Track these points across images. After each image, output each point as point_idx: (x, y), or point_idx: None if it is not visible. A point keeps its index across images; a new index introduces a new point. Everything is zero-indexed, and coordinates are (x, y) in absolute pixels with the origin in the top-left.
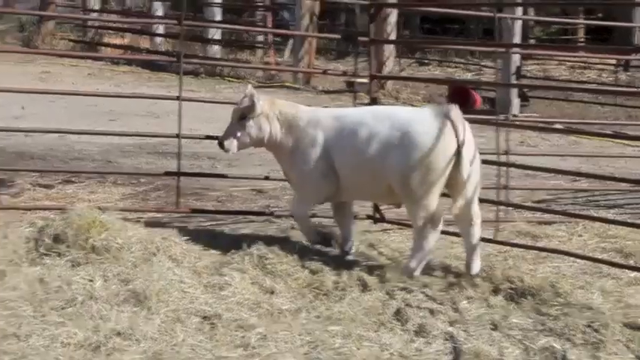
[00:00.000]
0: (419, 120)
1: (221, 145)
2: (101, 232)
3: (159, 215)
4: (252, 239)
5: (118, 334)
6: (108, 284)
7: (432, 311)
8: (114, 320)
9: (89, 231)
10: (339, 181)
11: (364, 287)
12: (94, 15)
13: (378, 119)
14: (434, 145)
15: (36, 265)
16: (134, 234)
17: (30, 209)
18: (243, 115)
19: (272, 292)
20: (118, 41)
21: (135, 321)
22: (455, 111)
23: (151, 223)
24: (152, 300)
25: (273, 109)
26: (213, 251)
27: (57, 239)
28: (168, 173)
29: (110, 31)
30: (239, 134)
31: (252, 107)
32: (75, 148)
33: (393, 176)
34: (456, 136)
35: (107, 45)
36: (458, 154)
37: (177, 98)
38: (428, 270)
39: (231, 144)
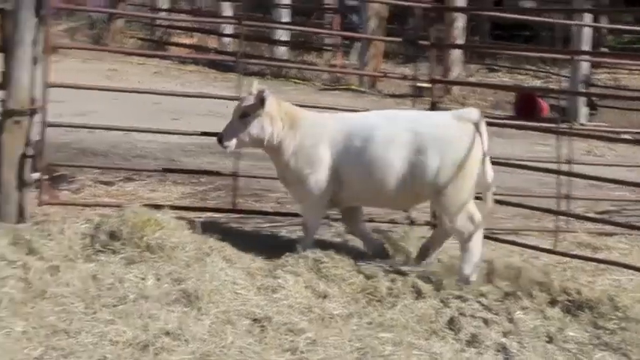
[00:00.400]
0: (449, 124)
1: (220, 141)
2: (156, 231)
3: (216, 215)
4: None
5: (167, 333)
6: (160, 283)
7: (486, 321)
8: (163, 320)
9: (144, 229)
10: (345, 186)
11: (418, 294)
12: (163, 14)
13: (398, 122)
14: (468, 148)
15: (90, 261)
16: (189, 233)
17: (88, 205)
18: (246, 113)
19: (325, 297)
20: (186, 40)
21: (184, 321)
22: (478, 114)
23: (207, 223)
24: (203, 300)
25: (278, 110)
26: (268, 253)
27: (112, 236)
28: (218, 174)
29: (178, 31)
30: (240, 132)
31: (258, 105)
32: (137, 145)
33: (425, 182)
34: (481, 139)
35: (175, 44)
36: (482, 156)
37: (237, 98)
38: (484, 278)
39: (231, 142)
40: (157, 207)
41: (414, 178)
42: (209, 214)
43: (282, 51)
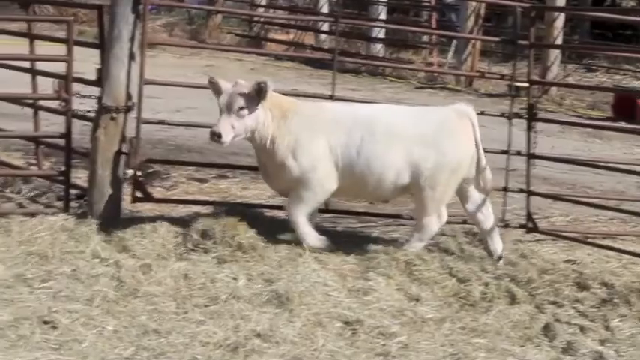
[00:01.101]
0: (447, 118)
1: (219, 136)
2: (248, 230)
3: None
4: (400, 244)
5: (258, 335)
6: (251, 283)
7: (582, 328)
8: (254, 321)
9: (236, 228)
10: (340, 179)
11: (512, 299)
12: (261, 10)
13: (399, 116)
14: (465, 144)
15: (182, 260)
16: (281, 233)
17: (181, 203)
18: (243, 105)
19: (417, 300)
20: (282, 37)
21: (275, 323)
22: (471, 109)
23: None
24: (294, 302)
25: (271, 100)
26: (360, 254)
27: (204, 235)
28: None
29: (275, 27)
30: (236, 125)
31: (260, 96)
32: (232, 143)
33: (419, 175)
34: (474, 133)
35: (272, 40)
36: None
37: (331, 97)
38: (580, 284)
39: (228, 136)
40: (249, 206)
41: (411, 172)
42: None
43: (378, 48)
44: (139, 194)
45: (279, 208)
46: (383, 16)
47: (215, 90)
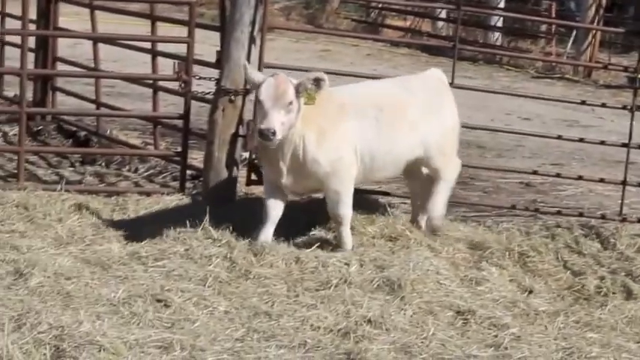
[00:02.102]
0: (436, 83)
1: (274, 134)
2: (359, 215)
3: None
4: (513, 235)
5: (369, 321)
6: (363, 269)
7: None
8: (365, 307)
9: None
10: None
11: (628, 295)
12: None
13: (408, 88)
14: (454, 104)
15: (294, 243)
16: (393, 219)
17: None
18: (292, 99)
19: (530, 292)
20: (399, 23)
21: (387, 310)
22: (442, 73)
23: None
24: (406, 289)
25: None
26: (472, 244)
27: (314, 219)
28: None
29: (393, 13)
30: (285, 121)
31: (314, 91)
32: None
33: (429, 145)
34: None
35: (388, 27)
36: None
37: (450, 85)
38: None
39: (281, 133)
40: (359, 191)
41: (421, 144)
42: None
43: (496, 37)
44: (253, 177)
45: (389, 194)
46: (502, 4)
47: (247, 78)
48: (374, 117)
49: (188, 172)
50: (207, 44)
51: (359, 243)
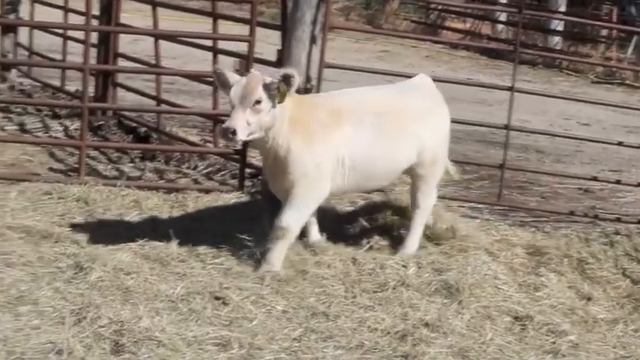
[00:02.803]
0: (428, 90)
1: (233, 133)
2: None
3: (479, 206)
4: (572, 241)
5: (426, 324)
6: (421, 272)
7: None
8: (423, 310)
9: (404, 215)
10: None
11: None
12: None
13: (404, 94)
14: (446, 110)
15: (351, 244)
16: (451, 223)
17: None
18: (260, 97)
19: (589, 299)
20: (459, 25)
21: (444, 313)
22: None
23: (469, 214)
24: (464, 294)
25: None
26: (530, 249)
27: (372, 221)
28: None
29: (452, 15)
30: (252, 121)
31: (285, 88)
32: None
33: (423, 153)
34: None
35: (448, 28)
36: None
37: (510, 89)
38: None
39: (244, 132)
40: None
41: (416, 151)
42: (471, 204)
43: (555, 41)
44: None
45: (449, 198)
46: (562, 8)
47: (221, 82)
48: (370, 123)
49: (247, 170)
50: (266, 42)
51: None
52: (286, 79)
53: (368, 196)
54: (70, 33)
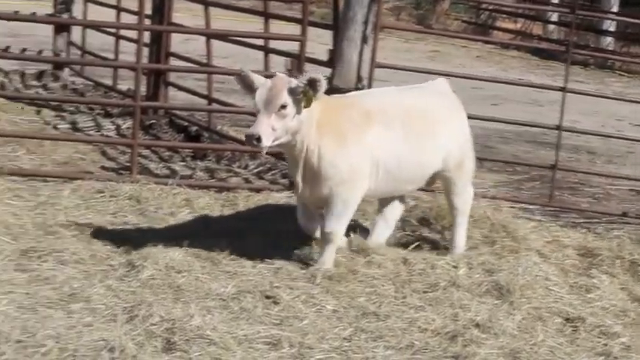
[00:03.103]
0: (449, 92)
1: (258, 140)
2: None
3: (531, 207)
4: (624, 242)
5: (477, 325)
6: (471, 273)
7: None
8: (474, 311)
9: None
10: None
11: None
12: None
13: (430, 97)
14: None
15: (402, 244)
16: (501, 223)
17: None
18: (285, 102)
19: None
20: (510, 26)
21: (495, 314)
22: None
23: (520, 214)
24: (515, 294)
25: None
26: (582, 251)
27: (422, 221)
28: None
29: (503, 15)
30: (277, 126)
31: (311, 93)
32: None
33: (450, 155)
34: None
35: (499, 29)
36: None
37: (562, 89)
38: None
39: (269, 139)
40: None
41: (443, 155)
42: (522, 205)
43: (608, 41)
44: None
45: (499, 199)
46: (615, 8)
47: (245, 85)
48: (401, 125)
49: None
50: (316, 42)
51: (468, 246)
52: (312, 84)
53: (418, 195)
54: (123, 32)
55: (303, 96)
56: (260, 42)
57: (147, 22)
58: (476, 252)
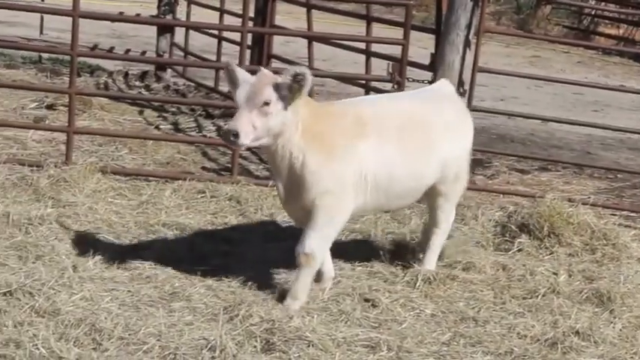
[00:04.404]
0: (457, 97)
1: (235, 136)
2: (568, 226)
3: (632, 214)
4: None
5: (577, 333)
6: (571, 280)
7: None
8: (574, 318)
9: (556, 223)
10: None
11: None
12: (592, 2)
13: (431, 104)
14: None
15: (501, 250)
16: (604, 231)
17: (503, 193)
18: (268, 99)
19: None
20: (612, 31)
21: (595, 322)
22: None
23: (621, 222)
24: (616, 303)
25: (306, 99)
26: None
27: (523, 227)
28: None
29: (606, 21)
30: (258, 124)
31: (297, 89)
32: (555, 135)
33: (448, 167)
34: None
35: (600, 34)
36: None
37: None
38: None
39: (248, 136)
40: (570, 201)
41: (441, 166)
42: (624, 213)
43: None
44: None
45: (600, 206)
46: None
47: (231, 80)
48: (397, 136)
49: None
50: (416, 46)
51: (568, 253)
52: (296, 79)
53: (518, 201)
54: (225, 34)
55: (290, 93)
56: (361, 45)
57: (249, 24)
58: (577, 259)
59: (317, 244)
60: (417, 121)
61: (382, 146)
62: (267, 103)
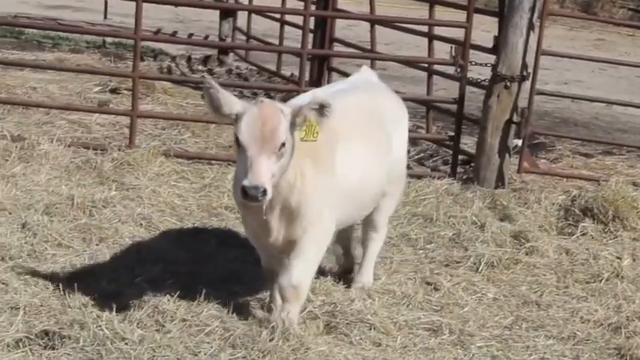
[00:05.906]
0: (384, 86)
1: (264, 193)
2: (631, 210)
3: None
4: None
5: None
6: (635, 264)
7: None
8: (638, 303)
9: (618, 207)
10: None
11: None
12: None
13: (379, 99)
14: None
15: (564, 234)
16: None
17: (566, 177)
18: (284, 139)
19: None
20: None
21: None
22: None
23: None
24: None
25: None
26: None
27: (587, 211)
28: None
29: None
30: (274, 169)
31: (317, 120)
32: (619, 119)
33: (397, 163)
34: None
35: None
36: None
37: None
38: None
39: (270, 187)
40: (635, 185)
41: (389, 170)
42: None
43: None
44: (525, 164)
45: None
46: None
47: (211, 102)
48: (361, 138)
49: (460, 156)
50: (478, 30)
51: (632, 238)
52: (322, 110)
53: (582, 184)
54: (287, 18)
55: (306, 126)
56: (423, 29)
57: (312, 7)
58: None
59: (304, 275)
60: (374, 118)
61: (351, 151)
62: (283, 144)
